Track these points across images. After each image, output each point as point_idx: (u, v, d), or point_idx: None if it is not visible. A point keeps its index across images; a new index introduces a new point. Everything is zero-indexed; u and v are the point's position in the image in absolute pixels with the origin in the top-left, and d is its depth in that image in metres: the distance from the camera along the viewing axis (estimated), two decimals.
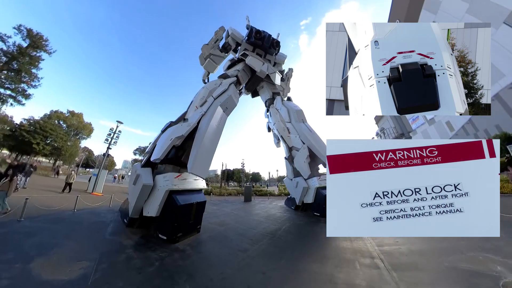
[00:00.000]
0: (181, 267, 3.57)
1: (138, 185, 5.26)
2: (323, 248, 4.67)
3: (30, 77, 17.74)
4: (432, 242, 4.20)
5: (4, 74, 16.00)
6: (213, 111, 6.72)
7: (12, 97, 17.43)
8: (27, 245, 4.15)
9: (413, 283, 2.72)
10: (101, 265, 3.43)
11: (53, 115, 33.68)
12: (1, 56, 15.52)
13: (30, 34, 16.44)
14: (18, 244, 4.21)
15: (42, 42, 17.47)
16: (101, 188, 16.02)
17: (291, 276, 3.24)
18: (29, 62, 17.03)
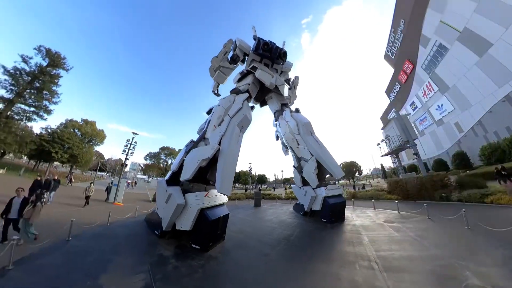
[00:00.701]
0: (220, 272, 4.63)
1: (171, 204, 6.25)
2: (330, 252, 5.69)
3: (51, 94, 19.19)
4: (423, 250, 5.13)
5: (28, 93, 17.52)
6: (231, 131, 7.76)
7: (35, 113, 18.89)
8: (87, 263, 4.75)
9: (397, 281, 3.69)
10: (157, 276, 4.24)
11: (69, 124, 35.87)
12: (25, 76, 16.99)
13: (49, 53, 17.95)
14: (79, 263, 4.81)
15: (61, 60, 18.95)
16: (121, 197, 17.32)
17: (306, 275, 4.26)
18: (49, 80, 18.47)
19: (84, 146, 37.56)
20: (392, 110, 52.60)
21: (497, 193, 9.47)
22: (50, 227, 7.37)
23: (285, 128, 11.95)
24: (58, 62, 18.45)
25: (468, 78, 28.55)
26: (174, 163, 8.23)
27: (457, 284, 3.45)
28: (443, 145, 37.22)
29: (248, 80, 11.70)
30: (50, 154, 30.54)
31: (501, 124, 26.27)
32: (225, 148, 7.04)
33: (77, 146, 34.93)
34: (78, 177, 39.37)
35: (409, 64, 39.36)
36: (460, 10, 26.87)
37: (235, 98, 9.69)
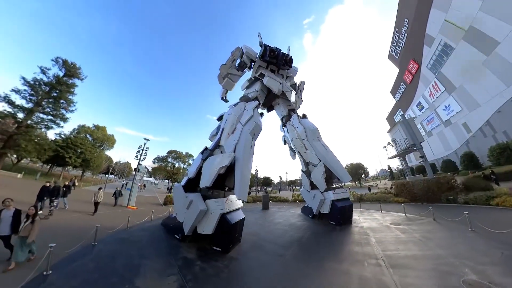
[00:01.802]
0: (244, 271, 5.21)
1: (193, 210, 6.81)
2: (340, 252, 6.22)
3: (67, 103, 20.41)
4: (427, 250, 5.62)
5: (46, 102, 18.77)
6: (244, 140, 8.36)
7: (53, 121, 20.08)
8: (119, 268, 5.06)
9: (402, 276, 4.21)
10: (187, 277, 4.70)
11: (81, 130, 37.41)
12: (43, 86, 18.21)
13: (66, 64, 19.19)
14: (112, 267, 5.11)
15: (76, 70, 20.19)
16: (134, 201, 18.11)
17: (319, 272, 4.81)
18: (66, 90, 19.73)
19: (96, 151, 38.98)
20: (398, 110, 52.58)
21: (503, 196, 9.81)
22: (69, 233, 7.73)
23: (293, 134, 12.52)
24: (74, 72, 19.53)
25: (475, 78, 28.61)
26: (190, 169, 8.66)
27: (456, 279, 3.96)
28: (451, 145, 37.10)
29: (257, 87, 12.34)
30: (64, 159, 31.97)
31: (510, 124, 26.21)
32: (240, 155, 7.64)
33: (89, 151, 36.37)
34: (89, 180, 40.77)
35: (414, 63, 39.49)
36: (465, 8, 27.06)
37: (246, 105, 10.32)
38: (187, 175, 8.68)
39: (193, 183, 8.14)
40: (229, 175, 7.90)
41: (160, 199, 25.31)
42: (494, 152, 25.43)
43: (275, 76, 13.08)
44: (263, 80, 12.33)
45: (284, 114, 13.98)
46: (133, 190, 18.34)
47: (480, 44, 26.15)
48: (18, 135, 16.34)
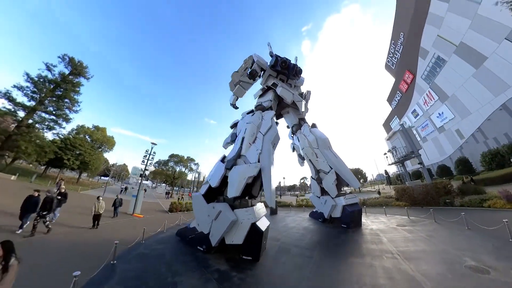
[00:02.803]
0: (284, 275, 5.41)
1: (223, 221, 6.87)
2: (359, 249, 7.20)
3: (72, 103, 19.52)
4: (433, 246, 6.71)
5: (50, 100, 17.35)
6: (267, 149, 8.84)
7: (55, 122, 18.51)
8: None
9: (417, 265, 5.27)
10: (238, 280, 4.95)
11: (81, 130, 37.02)
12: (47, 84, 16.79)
13: (73, 62, 18.38)
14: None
15: (83, 69, 19.53)
16: (140, 208, 17.47)
17: (347, 267, 5.79)
18: (71, 89, 18.36)
19: (95, 153, 38.57)
20: (394, 117, 54.81)
21: (494, 198, 11.11)
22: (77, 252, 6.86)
23: (304, 142, 13.61)
24: (80, 71, 18.90)
25: (466, 88, 30.74)
26: (212, 179, 8.60)
27: (459, 266, 5.05)
28: (445, 151, 39.03)
29: (270, 97, 12.93)
30: (61, 160, 31.14)
31: (500, 131, 28.18)
32: (265, 165, 8.07)
33: (88, 153, 35.98)
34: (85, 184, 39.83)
35: (409, 74, 41.82)
36: (456, 26, 29.37)
37: (263, 115, 10.79)
38: (207, 183, 8.75)
39: (213, 192, 8.36)
40: (253, 185, 8.19)
41: (163, 205, 25.33)
42: (486, 157, 27.23)
43: (287, 87, 14.00)
44: (276, 89, 13.13)
45: (295, 123, 15.08)
46: (139, 197, 17.77)
47: (470, 58, 28.31)
48: (17, 135, 15.30)
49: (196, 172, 50.37)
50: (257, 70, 13.88)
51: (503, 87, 25.55)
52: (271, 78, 14.37)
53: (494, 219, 8.56)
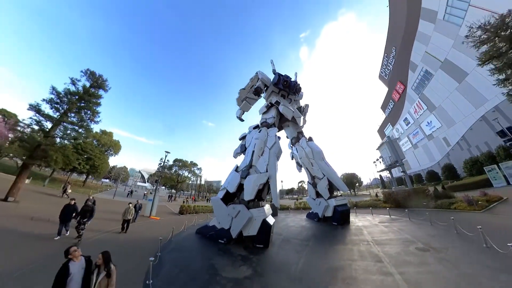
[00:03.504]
0: (288, 255, 7.58)
1: (242, 217, 9.02)
2: (344, 239, 9.34)
3: (93, 114, 20.33)
4: (400, 235, 8.84)
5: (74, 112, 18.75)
6: (273, 161, 10.95)
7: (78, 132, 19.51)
8: (202, 266, 6.39)
9: (383, 248, 7.41)
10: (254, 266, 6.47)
11: (90, 135, 38.78)
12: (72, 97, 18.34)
13: (93, 76, 19.65)
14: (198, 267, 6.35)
15: (103, 82, 20.39)
16: (155, 211, 19.13)
17: (335, 251, 7.91)
18: (93, 102, 19.58)
19: (103, 157, 40.24)
20: (388, 124, 57.44)
21: (458, 202, 13.31)
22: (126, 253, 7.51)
23: (301, 153, 15.77)
24: (101, 84, 20.11)
25: (451, 100, 33.37)
26: (229, 185, 10.63)
27: (412, 247, 7.17)
28: (434, 157, 41.49)
29: (273, 113, 15.02)
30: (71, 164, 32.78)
31: (481, 140, 30.66)
32: (272, 174, 10.30)
33: (98, 157, 37.74)
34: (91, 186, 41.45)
35: (400, 85, 44.54)
36: (441, 44, 32.07)
37: (268, 132, 13.14)
38: (224, 189, 10.87)
39: (230, 195, 10.53)
40: (262, 190, 10.38)
41: (172, 208, 26.61)
42: (467, 164, 29.68)
43: (288, 104, 16.09)
44: (279, 107, 15.24)
45: (294, 135, 17.27)
46: (155, 201, 19.50)
47: (454, 74, 30.94)
48: (47, 146, 16.43)
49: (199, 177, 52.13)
50: (261, 87, 15.89)
51: (483, 101, 28.11)
52: (274, 94, 16.55)
53: (451, 217, 10.75)
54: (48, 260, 6.20)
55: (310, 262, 6.92)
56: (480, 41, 13.64)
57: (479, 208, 11.99)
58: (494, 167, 20.84)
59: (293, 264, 6.81)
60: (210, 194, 69.89)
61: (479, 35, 13.76)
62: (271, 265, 6.88)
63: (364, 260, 6.60)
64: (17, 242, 7.55)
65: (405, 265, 5.82)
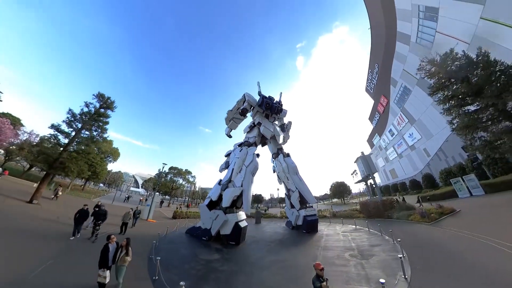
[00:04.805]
0: (250, 250, 10.12)
1: (219, 220, 11.60)
2: (302, 244, 10.97)
3: (102, 131, 23.78)
4: (346, 243, 10.37)
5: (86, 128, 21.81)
6: (248, 178, 13.15)
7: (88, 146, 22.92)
8: (189, 252, 10.13)
9: (325, 252, 8.98)
10: (223, 254, 9.45)
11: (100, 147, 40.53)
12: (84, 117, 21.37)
13: (103, 98, 23.00)
14: (185, 253, 10.12)
15: (111, 104, 23.85)
16: (152, 215, 21.38)
17: (290, 251, 9.48)
18: (103, 121, 22.85)
19: (104, 163, 41.92)
20: (375, 135, 59.42)
21: (414, 214, 14.73)
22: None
23: (279, 168, 17.47)
24: (109, 105, 22.91)
25: (428, 114, 35.40)
26: (213, 195, 13.31)
27: (347, 254, 8.73)
28: (417, 166, 43.12)
29: (255, 133, 17.20)
30: None
31: (456, 151, 32.45)
32: (246, 188, 12.56)
33: (99, 164, 39.46)
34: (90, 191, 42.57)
35: (384, 98, 46.81)
36: (416, 64, 33.83)
37: (248, 150, 15.12)
38: (209, 198, 13.37)
39: (213, 203, 12.92)
40: (238, 200, 12.71)
41: (165, 213, 28.27)
42: (442, 175, 31.34)
43: (269, 125, 17.94)
44: (260, 128, 17.34)
45: (274, 152, 18.99)
46: (152, 205, 21.97)
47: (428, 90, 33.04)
48: (64, 158, 19.07)
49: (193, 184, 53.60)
50: (247, 108, 18.28)
51: None
52: (259, 114, 18.55)
53: (404, 229, 12.33)
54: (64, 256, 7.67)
55: (263, 255, 9.41)
56: (429, 74, 15.63)
57: (429, 220, 13.21)
58: (459, 179, 22.51)
59: (251, 255, 9.53)
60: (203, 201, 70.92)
61: (429, 69, 15.76)
62: (235, 254, 9.63)
63: (304, 258, 8.49)
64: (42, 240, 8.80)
65: (330, 265, 7.45)
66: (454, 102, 14.69)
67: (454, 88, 14.22)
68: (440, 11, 24.75)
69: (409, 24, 31.34)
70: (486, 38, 20.47)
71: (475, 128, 14.15)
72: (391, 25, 35.71)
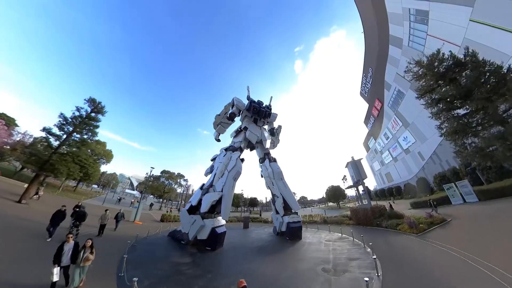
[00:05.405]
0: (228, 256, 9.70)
1: (196, 225, 11.22)
2: (279, 252, 10.38)
3: (92, 134, 23.93)
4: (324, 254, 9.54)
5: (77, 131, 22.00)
6: (229, 183, 12.67)
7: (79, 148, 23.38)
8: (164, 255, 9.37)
9: (298, 263, 8.18)
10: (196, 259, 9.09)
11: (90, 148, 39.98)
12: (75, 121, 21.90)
13: (94, 103, 23.41)
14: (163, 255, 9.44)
15: (102, 108, 24.32)
16: (139, 217, 21.28)
17: (261, 258, 8.80)
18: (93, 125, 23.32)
19: (96, 165, 41.41)
20: (371, 138, 58.70)
21: (403, 224, 13.81)
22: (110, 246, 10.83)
23: (265, 173, 16.76)
24: (99, 109, 23.54)
25: (421, 118, 34.72)
26: (193, 200, 13.05)
27: (319, 267, 7.88)
28: (412, 170, 42.26)
29: (241, 138, 16.64)
30: None
31: (450, 155, 31.56)
32: (225, 193, 12.15)
33: (91, 166, 38.87)
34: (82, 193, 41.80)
35: (378, 102, 46.22)
36: None
37: (231, 155, 14.55)
38: (190, 202, 13.08)
39: (194, 208, 12.52)
40: (218, 205, 12.27)
41: (155, 216, 27.79)
42: (436, 179, 30.51)
43: (255, 129, 17.39)
44: (246, 133, 16.76)
45: (261, 156, 18.31)
46: (139, 208, 21.89)
47: None
48: (54, 160, 19.44)
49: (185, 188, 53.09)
50: (235, 112, 17.84)
51: None
52: (247, 118, 18.04)
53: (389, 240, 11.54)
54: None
55: (234, 262, 9.08)
56: (416, 76, 15.00)
57: (417, 231, 12.21)
58: (452, 185, 21.64)
59: (222, 262, 9.30)
60: None
61: (416, 71, 15.14)
62: (207, 259, 9.43)
63: (274, 268, 7.96)
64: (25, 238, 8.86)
65: (296, 279, 6.89)
66: (442, 105, 14.00)
67: (442, 90, 13.58)
68: (431, 14, 24.32)
69: (401, 27, 30.93)
70: (476, 40, 19.93)
71: (465, 134, 13.38)
72: (384, 29, 35.36)
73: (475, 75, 11.39)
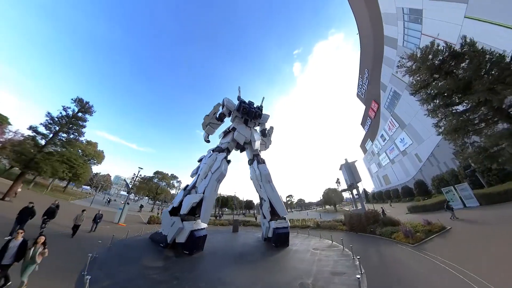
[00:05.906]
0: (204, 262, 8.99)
1: (175, 227, 10.43)
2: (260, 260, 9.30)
3: (79, 134, 23.46)
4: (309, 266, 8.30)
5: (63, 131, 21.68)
6: (211, 185, 11.75)
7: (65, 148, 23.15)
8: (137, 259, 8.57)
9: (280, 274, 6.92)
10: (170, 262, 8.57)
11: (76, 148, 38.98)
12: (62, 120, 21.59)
13: (81, 103, 22.94)
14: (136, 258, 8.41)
15: (89, 108, 23.84)
16: (124, 219, 20.47)
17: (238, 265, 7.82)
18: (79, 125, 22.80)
19: (86, 166, 40.37)
20: (368, 140, 57.64)
21: (398, 232, 12.41)
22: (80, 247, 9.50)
23: (253, 175, 15.59)
24: (87, 109, 23.08)
25: (418, 119, 33.71)
26: (175, 200, 12.25)
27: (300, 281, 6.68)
28: (410, 172, 41.08)
29: (228, 139, 15.54)
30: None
31: (448, 156, 30.49)
32: (207, 195, 11.31)
33: (81, 167, 37.81)
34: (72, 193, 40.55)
35: (375, 103, 45.30)
36: None
37: (217, 156, 13.50)
38: (172, 204, 12.29)
39: (176, 210, 11.69)
40: (199, 207, 11.40)
41: (143, 218, 26.70)
42: (434, 182, 29.29)
43: (244, 130, 16.27)
44: (234, 133, 15.70)
45: (250, 158, 17.17)
46: (124, 210, 21.02)
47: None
48: (39, 159, 19.22)
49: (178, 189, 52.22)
50: (225, 113, 16.99)
51: None
52: (238, 119, 17.05)
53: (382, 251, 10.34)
54: None
55: (209, 269, 8.29)
56: (410, 72, 13.97)
57: (413, 241, 10.89)
58: (451, 188, 20.43)
59: (196, 267, 8.39)
60: None
61: (409, 66, 14.12)
62: (180, 264, 8.68)
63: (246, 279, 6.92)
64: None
65: None
66: (439, 101, 12.90)
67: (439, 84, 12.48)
68: (424, 12, 23.53)
69: (395, 27, 30.17)
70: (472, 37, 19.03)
71: (466, 132, 12.11)
72: (378, 29, 34.64)
73: (475, 66, 10.25)
